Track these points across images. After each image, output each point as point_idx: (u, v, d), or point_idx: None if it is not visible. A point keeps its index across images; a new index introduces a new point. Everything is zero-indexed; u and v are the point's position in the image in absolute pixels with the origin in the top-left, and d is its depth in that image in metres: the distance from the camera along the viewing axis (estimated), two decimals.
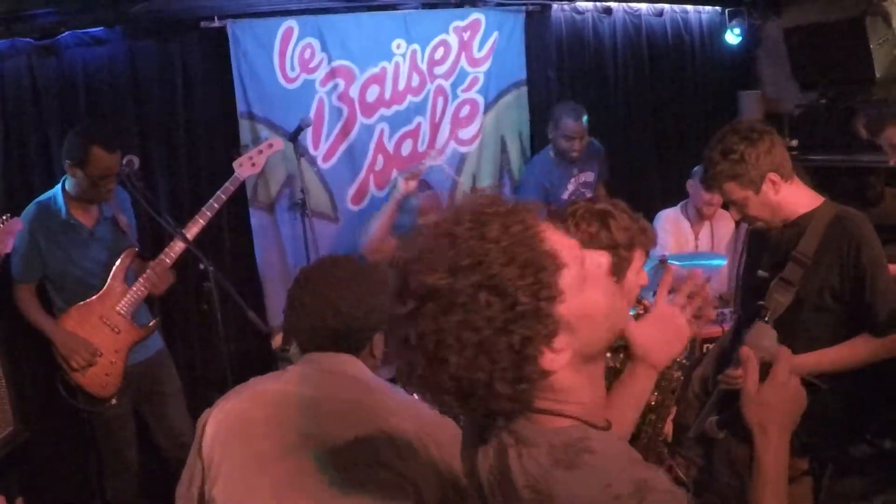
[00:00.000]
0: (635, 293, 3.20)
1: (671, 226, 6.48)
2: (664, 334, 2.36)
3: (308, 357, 2.90)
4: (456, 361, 1.59)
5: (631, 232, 3.08)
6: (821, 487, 4.00)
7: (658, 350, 2.36)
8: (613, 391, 2.39)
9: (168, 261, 5.14)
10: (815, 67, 7.78)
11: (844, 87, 7.59)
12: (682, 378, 3.03)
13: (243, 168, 5.43)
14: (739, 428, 2.24)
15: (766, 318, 3.68)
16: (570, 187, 6.81)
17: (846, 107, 7.47)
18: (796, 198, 3.76)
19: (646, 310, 2.87)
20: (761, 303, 3.73)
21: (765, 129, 3.73)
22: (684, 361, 2.94)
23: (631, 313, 2.73)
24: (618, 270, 3.02)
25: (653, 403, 3.05)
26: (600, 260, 1.77)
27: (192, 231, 5.14)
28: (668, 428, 3.23)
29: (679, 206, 6.55)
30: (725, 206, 4.98)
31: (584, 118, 6.69)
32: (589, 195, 6.63)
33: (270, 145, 5.62)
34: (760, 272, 3.89)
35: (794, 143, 8.06)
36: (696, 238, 6.44)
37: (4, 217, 4.64)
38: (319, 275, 2.92)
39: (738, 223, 6.20)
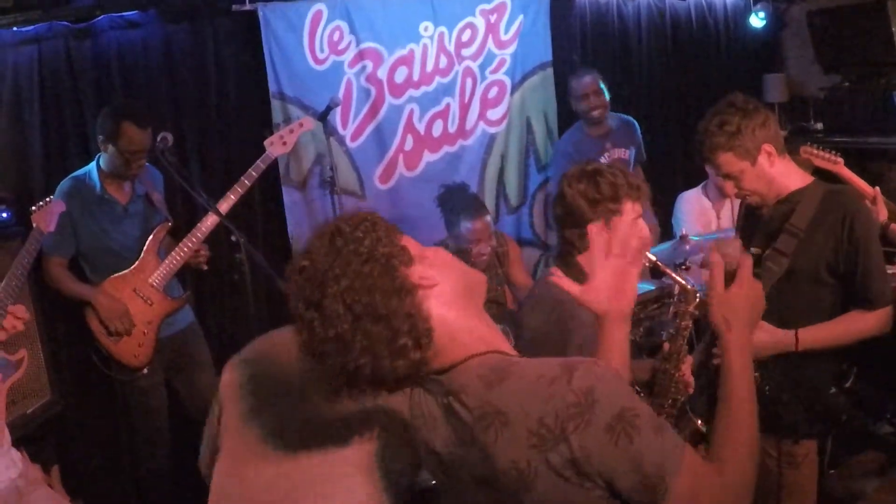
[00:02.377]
0: (634, 244, 3.37)
1: (693, 206, 6.53)
2: (612, 286, 2.44)
3: None
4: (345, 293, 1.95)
5: (617, 186, 3.28)
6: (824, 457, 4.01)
7: (615, 302, 2.45)
8: (597, 353, 2.51)
9: (200, 235, 5.25)
10: (838, 50, 7.82)
11: (868, 70, 7.63)
12: (690, 327, 3.15)
13: (274, 146, 5.52)
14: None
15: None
16: (603, 160, 6.76)
17: (869, 89, 7.52)
18: (789, 173, 3.78)
19: (652, 264, 3.03)
20: (757, 270, 3.73)
21: (759, 104, 3.75)
22: (695, 312, 3.06)
23: None
24: (607, 222, 3.25)
25: (665, 353, 3.19)
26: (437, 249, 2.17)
27: (224, 206, 5.21)
28: (688, 377, 3.34)
29: (700, 186, 6.60)
30: None
31: (592, 76, 6.81)
32: None
33: (301, 124, 5.69)
34: (753, 249, 3.83)
35: (819, 125, 8.12)
36: (718, 217, 6.49)
37: (48, 199, 4.76)
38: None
39: None
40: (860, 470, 5.41)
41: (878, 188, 4.60)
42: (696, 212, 6.48)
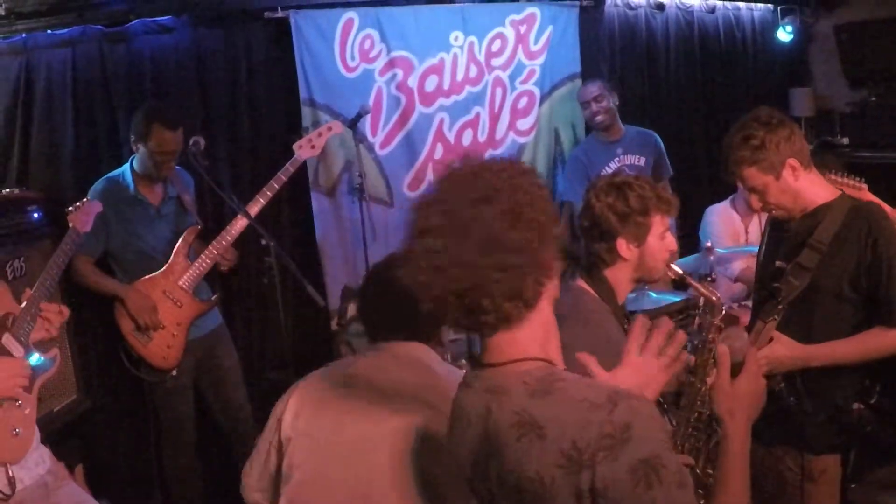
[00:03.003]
0: (662, 256, 3.40)
1: (722, 220, 6.50)
2: (637, 383, 2.42)
3: (378, 346, 3.07)
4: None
5: (646, 199, 3.30)
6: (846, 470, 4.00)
7: None
8: None
9: (230, 238, 5.29)
10: (865, 65, 7.82)
11: (894, 85, 7.63)
12: (716, 339, 3.18)
13: (303, 150, 5.56)
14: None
15: (779, 299, 3.69)
16: (613, 166, 6.84)
17: None
18: (815, 187, 3.74)
19: (678, 276, 3.06)
20: (776, 285, 3.71)
21: (785, 118, 3.71)
22: (721, 324, 3.09)
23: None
24: (635, 237, 3.28)
25: (691, 365, 3.21)
26: None
27: (253, 210, 5.25)
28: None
29: (728, 199, 6.58)
30: None
31: (596, 85, 6.91)
32: None
33: (330, 128, 5.72)
34: (778, 263, 3.85)
35: (846, 140, 8.10)
36: (746, 231, 6.47)
37: (85, 200, 4.79)
38: (393, 273, 3.02)
39: None
40: (882, 483, 5.40)
41: None
42: (725, 225, 6.46)
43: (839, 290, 3.67)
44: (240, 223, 5.26)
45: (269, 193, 5.35)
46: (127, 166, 5.34)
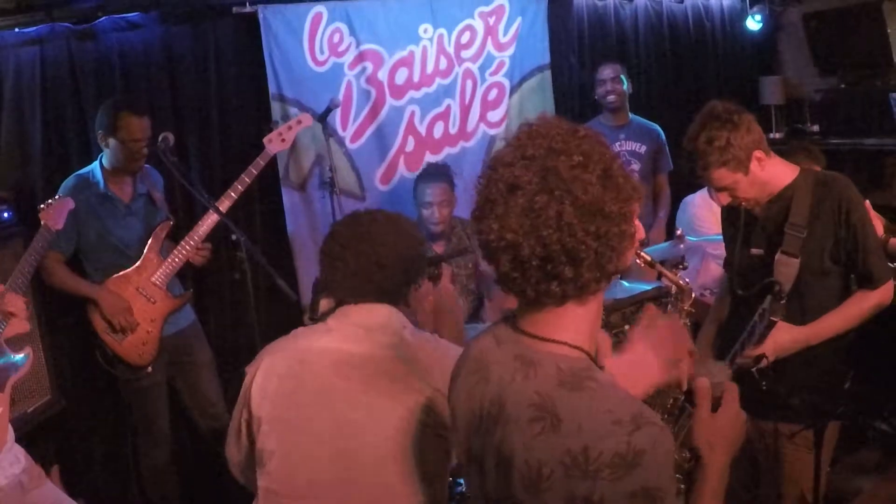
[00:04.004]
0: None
1: (703, 211, 6.52)
2: (633, 371, 2.44)
3: (345, 311, 3.00)
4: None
5: None
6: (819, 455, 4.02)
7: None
8: None
9: (202, 233, 5.28)
10: (834, 53, 7.86)
11: (863, 72, 7.67)
12: (688, 325, 3.19)
13: (273, 144, 5.55)
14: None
15: (781, 295, 3.70)
16: (614, 149, 6.82)
17: (865, 91, 7.56)
18: (779, 170, 3.83)
19: (647, 263, 3.06)
20: (772, 279, 3.74)
21: (740, 109, 3.73)
22: (691, 309, 3.09)
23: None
24: None
25: None
26: None
27: (224, 205, 5.24)
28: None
29: (704, 189, 6.60)
30: None
31: (612, 68, 7.16)
32: (633, 164, 7.04)
33: (300, 121, 5.72)
34: (754, 250, 3.93)
35: (815, 127, 8.14)
36: None
37: (56, 197, 4.77)
38: (359, 231, 3.01)
39: None
40: (856, 467, 5.44)
41: (867, 202, 4.63)
42: (707, 214, 6.47)
43: (821, 265, 3.77)
44: (210, 219, 5.25)
45: (239, 188, 5.34)
46: (96, 163, 5.32)
